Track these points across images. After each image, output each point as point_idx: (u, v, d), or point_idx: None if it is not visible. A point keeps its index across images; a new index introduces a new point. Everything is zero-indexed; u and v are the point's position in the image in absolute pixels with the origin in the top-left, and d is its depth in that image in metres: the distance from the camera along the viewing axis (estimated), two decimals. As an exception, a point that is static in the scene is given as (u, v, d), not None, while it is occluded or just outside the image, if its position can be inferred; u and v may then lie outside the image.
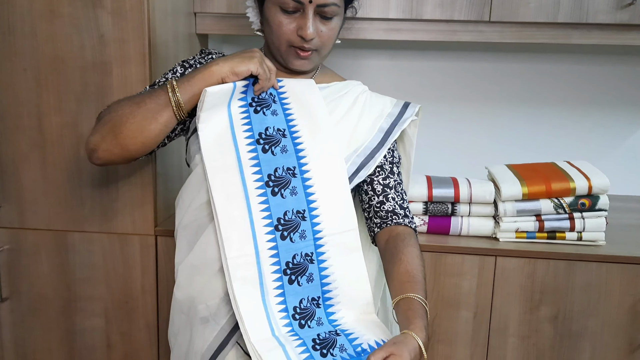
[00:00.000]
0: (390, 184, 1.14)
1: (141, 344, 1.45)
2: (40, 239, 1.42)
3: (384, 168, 1.15)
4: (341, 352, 1.00)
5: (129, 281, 1.42)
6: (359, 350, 1.00)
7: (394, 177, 1.16)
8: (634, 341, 1.34)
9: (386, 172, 1.15)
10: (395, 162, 1.18)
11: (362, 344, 1.00)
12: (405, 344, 0.88)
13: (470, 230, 1.42)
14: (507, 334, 1.37)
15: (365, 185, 1.15)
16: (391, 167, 1.16)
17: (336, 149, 1.10)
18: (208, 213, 1.05)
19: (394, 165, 1.17)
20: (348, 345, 1.01)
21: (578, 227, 1.37)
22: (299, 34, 1.06)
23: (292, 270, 1.02)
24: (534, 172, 1.43)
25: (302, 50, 1.08)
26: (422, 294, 0.98)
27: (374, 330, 1.04)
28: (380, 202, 1.13)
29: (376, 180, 1.14)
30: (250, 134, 1.06)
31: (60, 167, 1.38)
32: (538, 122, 1.88)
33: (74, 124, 1.35)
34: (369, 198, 1.15)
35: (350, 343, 1.01)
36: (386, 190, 1.13)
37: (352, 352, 1.00)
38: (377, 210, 1.13)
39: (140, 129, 1.02)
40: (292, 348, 0.97)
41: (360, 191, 1.18)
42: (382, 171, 1.15)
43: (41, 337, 1.46)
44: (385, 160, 1.16)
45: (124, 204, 1.39)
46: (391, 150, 1.18)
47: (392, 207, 1.12)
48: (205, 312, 1.05)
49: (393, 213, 1.12)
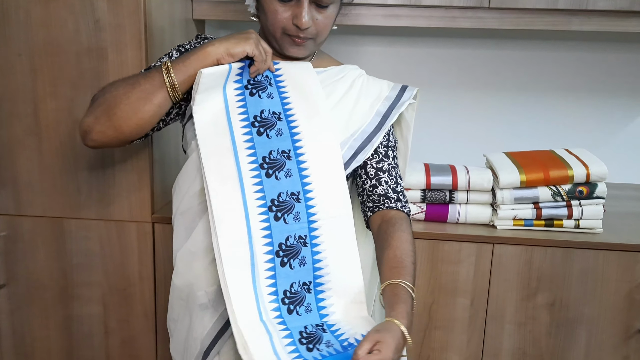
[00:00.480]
0: (384, 167, 1.14)
1: (139, 330, 1.45)
2: (37, 226, 1.41)
3: (378, 152, 1.14)
4: (327, 347, 0.99)
5: (126, 268, 1.42)
6: (346, 344, 0.99)
7: (389, 160, 1.15)
8: (629, 328, 1.35)
9: (380, 155, 1.14)
10: (391, 145, 1.17)
11: (349, 338, 0.99)
12: (388, 330, 0.88)
13: (467, 217, 1.42)
14: (504, 321, 1.38)
15: (359, 169, 1.15)
16: (386, 150, 1.16)
17: (332, 133, 1.09)
18: (204, 200, 1.05)
19: (389, 149, 1.16)
20: (335, 341, 1.00)
21: (575, 215, 1.37)
22: (294, 23, 1.04)
23: (284, 253, 1.01)
24: (532, 160, 1.42)
25: (297, 38, 1.07)
26: (409, 279, 0.98)
27: (360, 325, 1.02)
28: (373, 186, 1.13)
29: (369, 164, 1.14)
30: (246, 116, 1.05)
31: (56, 154, 1.37)
32: (537, 110, 1.87)
33: (70, 109, 1.34)
34: (362, 182, 1.14)
35: (336, 339, 1.00)
36: (379, 174, 1.13)
37: (339, 347, 0.99)
38: (370, 194, 1.13)
39: (135, 110, 1.01)
40: (279, 339, 0.97)
41: (355, 175, 1.18)
42: (376, 155, 1.14)
43: (39, 323, 1.47)
44: (380, 144, 1.15)
45: (120, 191, 1.38)
46: (387, 134, 1.18)
47: (384, 191, 1.12)
48: (204, 298, 1.05)
49: (385, 197, 1.11)
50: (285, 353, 0.95)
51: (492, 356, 1.39)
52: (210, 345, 1.05)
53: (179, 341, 1.13)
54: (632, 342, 1.35)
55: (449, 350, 1.40)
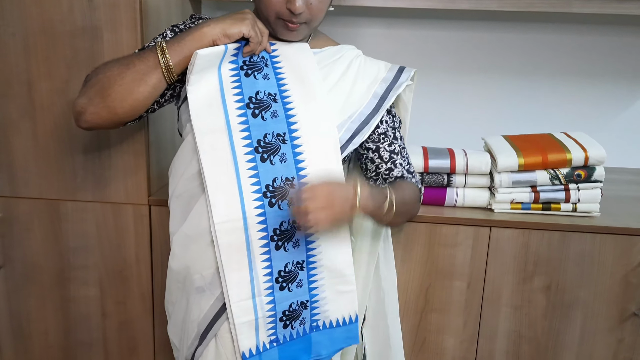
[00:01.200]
0: (396, 149, 1.15)
1: (136, 312, 1.45)
2: (33, 208, 1.41)
3: (388, 134, 1.15)
4: (300, 325, 1.07)
5: (123, 250, 1.42)
6: (314, 325, 1.09)
7: (398, 142, 1.17)
8: (625, 311, 1.35)
9: (390, 138, 1.15)
10: (397, 126, 1.19)
11: (319, 320, 1.08)
12: (338, 182, 0.98)
13: (465, 201, 1.41)
14: (500, 304, 1.38)
15: (371, 152, 1.16)
16: (394, 132, 1.17)
17: (328, 116, 1.08)
18: (200, 183, 1.05)
19: (396, 130, 1.18)
20: (307, 320, 1.08)
21: (573, 199, 1.37)
22: (287, 7, 1.02)
23: (279, 237, 1.03)
24: (530, 143, 1.42)
25: (290, 23, 1.06)
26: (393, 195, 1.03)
27: (341, 305, 1.10)
28: (389, 169, 1.14)
29: (382, 147, 1.15)
30: (240, 97, 1.04)
31: (51, 135, 1.36)
32: (536, 93, 1.86)
33: (64, 90, 1.32)
34: (376, 166, 1.15)
35: (310, 317, 1.08)
36: (393, 157, 1.14)
37: (307, 328, 1.08)
38: (386, 177, 1.15)
39: (129, 91, 1.00)
40: (264, 318, 1.03)
41: (364, 159, 1.18)
42: (386, 138, 1.15)
43: (36, 305, 1.47)
44: (387, 127, 1.16)
45: (116, 173, 1.37)
46: (392, 115, 1.18)
47: (400, 173, 1.15)
48: (201, 282, 1.06)
49: (402, 178, 1.15)
50: (264, 330, 1.04)
51: (487, 338, 1.40)
52: (207, 327, 1.06)
53: (177, 323, 1.14)
54: (627, 325, 1.36)
55: (445, 333, 1.41)
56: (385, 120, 1.16)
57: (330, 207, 0.92)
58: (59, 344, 1.48)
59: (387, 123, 1.16)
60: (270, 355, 1.05)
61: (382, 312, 1.28)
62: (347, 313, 1.11)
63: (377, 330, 1.29)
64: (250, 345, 1.03)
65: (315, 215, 0.91)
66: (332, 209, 0.92)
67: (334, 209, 0.92)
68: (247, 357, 1.03)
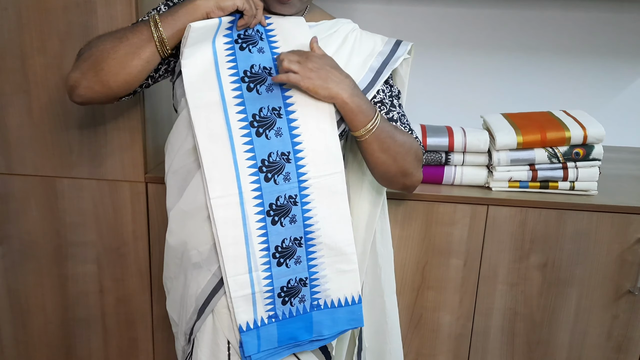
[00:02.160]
0: (394, 117, 1.13)
1: (134, 289, 1.46)
2: (29, 185, 1.40)
3: (384, 102, 1.13)
4: (300, 302, 1.07)
5: (120, 227, 1.41)
6: (315, 304, 1.08)
7: (397, 109, 1.15)
8: (620, 288, 1.36)
9: (387, 106, 1.13)
10: (395, 95, 1.17)
11: (320, 299, 1.07)
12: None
13: (463, 179, 1.41)
14: (496, 281, 1.39)
15: None
16: (391, 100, 1.15)
17: None
18: (196, 158, 1.04)
19: (394, 98, 1.16)
20: (308, 298, 1.07)
21: (571, 177, 1.37)
22: None
23: (275, 212, 1.02)
24: (529, 121, 1.41)
25: None
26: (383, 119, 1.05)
27: (342, 284, 1.09)
28: None
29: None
30: (235, 71, 1.03)
31: (46, 111, 1.35)
32: (536, 70, 1.85)
33: (58, 65, 1.31)
34: None
35: (310, 295, 1.07)
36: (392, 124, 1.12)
37: (307, 306, 1.07)
38: None
39: (122, 65, 0.99)
40: (261, 293, 1.03)
41: None
42: (383, 106, 1.13)
43: (34, 282, 1.47)
44: (384, 95, 1.14)
45: (112, 150, 1.36)
46: (389, 85, 1.16)
47: None
48: (197, 257, 1.06)
49: None
50: (262, 305, 1.04)
51: (483, 315, 1.41)
52: (204, 303, 1.06)
53: (175, 299, 1.15)
54: (622, 302, 1.37)
55: (442, 310, 1.42)
56: (382, 90, 1.14)
57: (317, 72, 0.98)
58: (58, 320, 1.49)
59: (384, 92, 1.14)
60: (269, 331, 1.05)
61: (379, 289, 1.28)
62: (350, 293, 1.09)
63: (373, 307, 1.30)
64: (248, 319, 1.03)
65: (304, 69, 0.98)
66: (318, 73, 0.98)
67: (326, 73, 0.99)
68: (244, 330, 1.03)
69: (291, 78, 0.98)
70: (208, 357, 1.07)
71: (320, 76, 0.99)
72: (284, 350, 1.08)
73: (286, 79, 0.99)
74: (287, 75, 0.98)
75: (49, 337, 1.51)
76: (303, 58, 0.98)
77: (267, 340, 1.05)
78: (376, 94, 1.14)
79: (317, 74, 0.98)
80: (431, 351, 1.45)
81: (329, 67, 1.00)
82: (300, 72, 0.98)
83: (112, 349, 1.50)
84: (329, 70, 1.00)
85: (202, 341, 1.08)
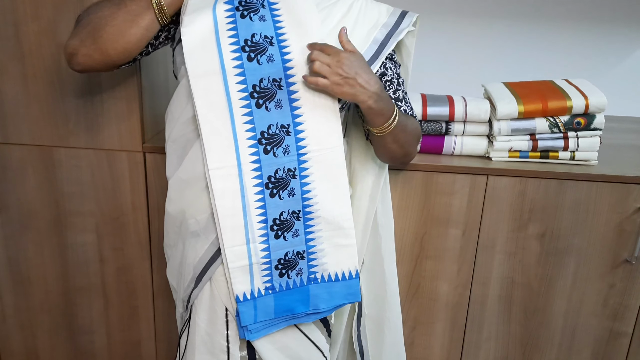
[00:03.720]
0: (400, 96, 1.14)
1: (134, 258, 1.46)
2: (26, 154, 1.39)
3: (393, 81, 1.13)
4: (297, 275, 1.07)
5: (119, 197, 1.41)
6: (312, 277, 1.08)
7: (402, 87, 1.15)
8: (617, 258, 1.37)
9: (395, 85, 1.13)
10: (399, 71, 1.16)
11: (317, 273, 1.07)
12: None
13: (463, 149, 1.40)
14: (494, 251, 1.40)
15: None
16: (398, 79, 1.15)
17: None
18: (196, 127, 1.03)
19: (399, 76, 1.16)
20: (305, 271, 1.07)
21: (572, 147, 1.36)
22: None
23: (274, 185, 1.02)
24: (531, 90, 1.39)
25: None
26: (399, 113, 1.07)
27: (340, 258, 1.09)
28: None
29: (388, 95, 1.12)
30: (236, 40, 1.00)
31: (41, 79, 1.33)
32: (538, 39, 1.82)
33: (53, 32, 1.28)
34: None
35: (307, 269, 1.07)
36: (398, 104, 1.13)
37: (304, 279, 1.08)
38: None
39: (121, 32, 0.97)
40: (258, 265, 1.04)
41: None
42: (391, 85, 1.13)
43: (34, 251, 1.47)
44: (393, 73, 1.13)
45: (109, 119, 1.35)
46: (394, 61, 1.15)
47: None
48: (195, 226, 1.06)
49: None
50: (259, 277, 1.04)
51: (481, 284, 1.43)
52: (202, 271, 1.07)
53: (175, 266, 1.16)
54: (619, 271, 1.38)
55: (440, 279, 1.43)
56: (390, 67, 1.14)
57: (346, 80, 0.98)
58: (59, 289, 1.50)
59: (392, 69, 1.14)
60: (266, 302, 1.06)
61: (379, 257, 1.29)
62: (347, 268, 1.10)
63: (373, 275, 1.31)
64: (245, 290, 1.04)
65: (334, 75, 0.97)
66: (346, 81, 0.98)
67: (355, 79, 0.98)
68: (240, 300, 1.04)
69: (320, 83, 0.98)
70: (206, 324, 1.08)
71: (349, 83, 0.97)
72: (281, 322, 1.09)
73: (315, 82, 0.98)
74: (316, 79, 0.98)
75: (51, 305, 1.52)
76: (334, 61, 0.96)
77: (263, 312, 1.06)
78: (385, 71, 1.13)
79: (346, 80, 0.97)
80: (429, 319, 1.47)
81: (359, 70, 0.98)
82: (330, 78, 0.97)
83: (113, 316, 1.52)
84: (358, 75, 0.97)
85: (200, 308, 1.09)
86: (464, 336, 1.48)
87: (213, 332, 1.08)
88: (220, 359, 1.08)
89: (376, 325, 1.34)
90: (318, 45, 0.99)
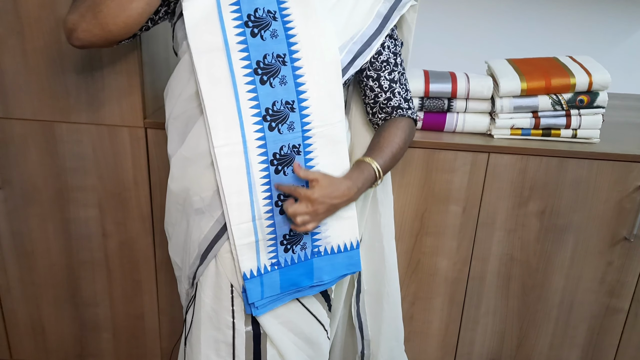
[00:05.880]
0: (396, 77, 1.13)
1: (136, 233, 1.48)
2: (27, 129, 1.39)
3: (389, 62, 1.13)
4: (301, 250, 1.09)
5: (121, 173, 1.41)
6: (316, 250, 1.10)
7: (398, 68, 1.15)
8: (616, 235, 1.38)
9: (391, 65, 1.13)
10: (398, 51, 1.15)
11: (320, 246, 1.09)
12: (332, 178, 1.02)
13: (465, 126, 1.40)
14: (494, 228, 1.41)
15: (371, 81, 1.13)
16: (395, 58, 1.14)
17: (330, 36, 1.04)
18: (198, 104, 1.02)
19: (397, 55, 1.15)
20: (309, 245, 1.09)
21: (574, 124, 1.35)
22: None
23: (279, 161, 1.03)
24: (534, 67, 1.38)
25: None
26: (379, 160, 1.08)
27: (342, 231, 1.11)
28: (387, 99, 1.14)
29: (382, 76, 1.13)
30: (239, 15, 0.99)
31: (41, 54, 1.31)
32: (542, 15, 1.79)
33: (52, 6, 1.26)
34: (374, 95, 1.14)
35: (311, 243, 1.10)
36: (392, 86, 1.12)
37: (308, 253, 1.09)
38: (383, 106, 1.15)
39: (122, 7, 0.95)
40: (264, 241, 1.05)
41: (363, 86, 1.15)
42: (387, 65, 1.12)
43: (37, 225, 1.49)
44: (390, 53, 1.13)
45: (110, 94, 1.34)
46: (393, 38, 1.14)
47: (397, 103, 1.14)
48: (200, 204, 1.06)
49: (398, 107, 1.14)
50: (265, 253, 1.06)
51: (480, 260, 1.44)
52: (207, 248, 1.08)
53: (178, 244, 1.16)
54: (617, 249, 1.39)
55: (439, 255, 1.44)
56: (388, 46, 1.13)
57: (325, 213, 1.03)
58: (62, 263, 1.52)
59: (389, 48, 1.12)
60: (272, 278, 1.08)
61: (378, 234, 1.30)
62: (348, 239, 1.12)
63: (372, 251, 1.32)
64: (252, 267, 1.05)
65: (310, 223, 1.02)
66: (327, 213, 1.03)
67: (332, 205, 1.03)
68: (248, 278, 1.05)
69: (310, 228, 1.02)
70: (212, 300, 1.10)
71: (330, 210, 1.04)
72: (286, 296, 1.11)
73: (304, 229, 1.02)
74: (305, 228, 1.02)
75: (55, 279, 1.54)
76: (311, 209, 1.00)
77: (270, 287, 1.08)
78: (382, 50, 1.12)
79: (326, 213, 1.03)
80: (428, 294, 1.49)
81: (331, 195, 1.01)
82: (315, 222, 1.02)
83: (116, 290, 1.54)
84: (332, 199, 1.02)
85: (206, 285, 1.10)
86: (462, 311, 1.50)
87: (219, 308, 1.09)
88: (225, 334, 1.10)
89: (375, 300, 1.36)
90: (286, 188, 1.03)
